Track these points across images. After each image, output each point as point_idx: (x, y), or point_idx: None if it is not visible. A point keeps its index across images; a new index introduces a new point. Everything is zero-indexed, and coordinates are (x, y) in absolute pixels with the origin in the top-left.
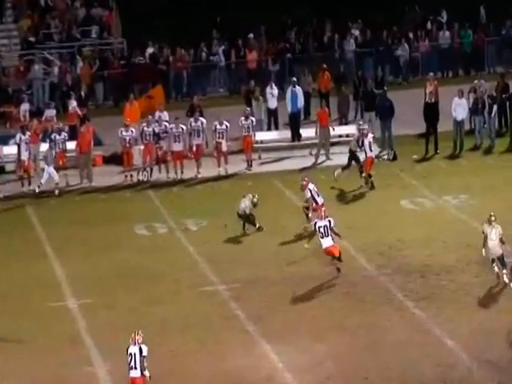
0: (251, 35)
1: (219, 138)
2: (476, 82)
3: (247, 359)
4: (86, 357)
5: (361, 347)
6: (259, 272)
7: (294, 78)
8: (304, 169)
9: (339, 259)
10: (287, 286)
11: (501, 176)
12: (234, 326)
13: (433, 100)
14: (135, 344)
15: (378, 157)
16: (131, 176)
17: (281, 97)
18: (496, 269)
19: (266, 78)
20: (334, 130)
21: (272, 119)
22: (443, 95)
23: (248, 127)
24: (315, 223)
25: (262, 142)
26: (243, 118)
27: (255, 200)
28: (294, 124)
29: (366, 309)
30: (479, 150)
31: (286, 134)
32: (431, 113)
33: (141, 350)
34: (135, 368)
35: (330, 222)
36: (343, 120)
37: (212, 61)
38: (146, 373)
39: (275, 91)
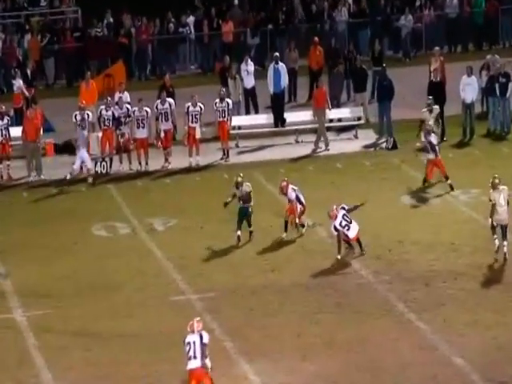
0: (236, 1)
1: (192, 121)
2: (489, 57)
3: (223, 381)
4: (35, 379)
5: (355, 367)
6: (238, 279)
7: (277, 54)
8: (297, 159)
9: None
10: (270, 296)
11: None
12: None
13: (438, 79)
14: (194, 332)
15: (375, 145)
16: (87, 168)
17: (261, 75)
18: (497, 241)
19: (245, 53)
20: (330, 109)
21: (250, 101)
22: (451, 73)
23: (223, 111)
24: (334, 226)
25: (239, 127)
26: (218, 101)
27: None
28: (277, 106)
29: (361, 322)
30: (492, 137)
31: (268, 118)
32: (436, 94)
33: (201, 338)
34: (194, 357)
35: (344, 208)
36: (335, 102)
37: (181, 33)
38: (208, 362)
39: (251, 67)
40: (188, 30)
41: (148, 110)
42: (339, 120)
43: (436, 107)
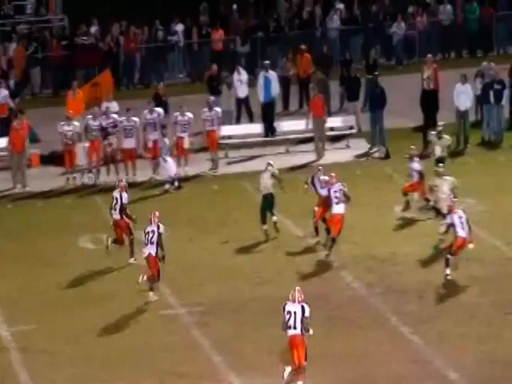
0: (234, 6)
1: (181, 131)
2: (483, 64)
3: None
4: None
5: (348, 381)
6: (227, 292)
7: (267, 62)
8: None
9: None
10: (260, 309)
11: None
12: (197, 357)
13: (431, 87)
14: (296, 302)
15: (367, 155)
16: (74, 179)
17: (252, 83)
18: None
19: (235, 61)
20: (325, 121)
21: (243, 110)
22: (444, 81)
23: (212, 120)
24: (328, 190)
25: (229, 137)
26: (206, 110)
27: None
28: (268, 116)
29: (353, 335)
30: (487, 146)
31: (258, 127)
32: (429, 102)
33: (303, 310)
34: (294, 328)
35: (343, 185)
36: None
37: (170, 41)
38: (311, 332)
39: (244, 77)
40: (177, 37)
41: (136, 119)
42: (331, 129)
43: (446, 138)
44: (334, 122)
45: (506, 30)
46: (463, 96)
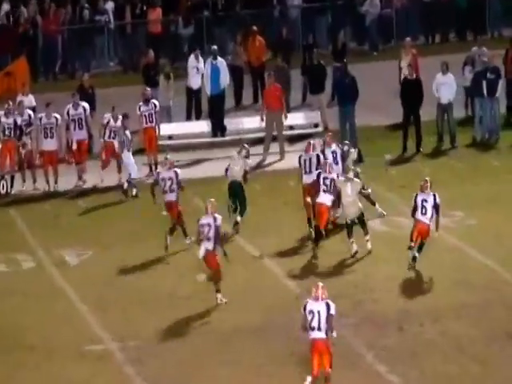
0: None
1: (110, 136)
2: (474, 49)
3: None
4: None
5: None
6: (167, 324)
7: (215, 47)
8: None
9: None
10: (207, 344)
11: (510, 184)
12: None
13: (414, 75)
14: (319, 299)
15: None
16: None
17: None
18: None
19: (176, 46)
20: (286, 117)
21: (194, 104)
22: (429, 69)
23: (150, 115)
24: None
25: (170, 137)
26: (142, 103)
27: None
28: (216, 111)
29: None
30: (479, 147)
31: (205, 125)
32: (411, 94)
33: (328, 307)
34: (319, 329)
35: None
36: None
37: (98, 21)
38: (334, 334)
39: (201, 65)
40: (106, 18)
41: (57, 116)
42: (291, 128)
43: (352, 151)
44: (295, 118)
45: (501, 8)
46: (444, 87)
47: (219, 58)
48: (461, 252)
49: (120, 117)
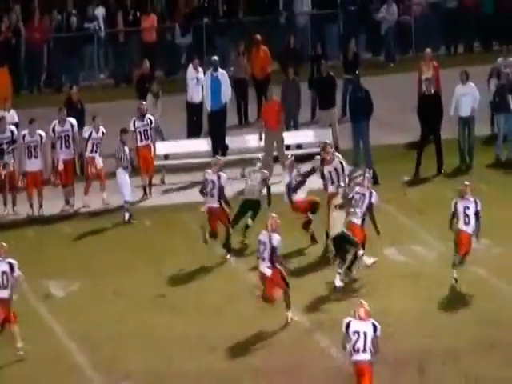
0: None
1: (92, 150)
2: (500, 60)
3: None
4: None
5: None
6: (161, 362)
7: (215, 57)
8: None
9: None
10: None
11: None
12: None
13: (432, 90)
14: (363, 319)
15: (349, 180)
16: None
17: None
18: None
19: (172, 57)
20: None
21: (195, 120)
22: (451, 83)
23: (145, 131)
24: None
25: (166, 157)
26: (136, 119)
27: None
28: (217, 129)
29: None
30: (504, 167)
31: (205, 144)
32: (430, 110)
33: (375, 328)
34: (364, 350)
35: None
36: (291, 122)
37: (87, 30)
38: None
39: (201, 74)
40: (96, 25)
41: (42, 133)
42: (299, 146)
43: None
44: (303, 136)
45: None
46: (466, 99)
47: (220, 70)
48: (487, 284)
49: (102, 128)
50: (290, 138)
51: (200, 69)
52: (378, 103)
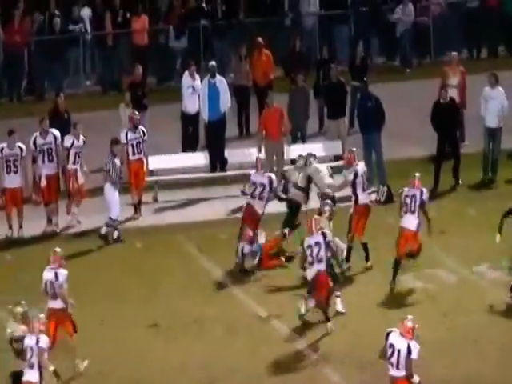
0: None
1: (75, 161)
2: None
3: None
4: None
5: None
6: None
7: (213, 63)
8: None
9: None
10: None
11: None
12: None
13: (448, 98)
14: (403, 336)
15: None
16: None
17: None
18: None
19: (165, 61)
20: (289, 146)
21: (190, 132)
22: (474, 89)
23: (138, 144)
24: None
25: (157, 172)
26: (128, 130)
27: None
28: (215, 141)
29: None
30: None
31: (202, 158)
32: (445, 119)
33: (409, 349)
34: (397, 367)
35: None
36: (298, 133)
37: (72, 32)
38: (417, 380)
39: (198, 82)
40: (82, 27)
41: (22, 146)
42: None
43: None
44: (311, 149)
45: None
46: (493, 104)
47: (218, 76)
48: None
49: (82, 136)
50: (297, 151)
51: (197, 76)
52: (392, 112)
